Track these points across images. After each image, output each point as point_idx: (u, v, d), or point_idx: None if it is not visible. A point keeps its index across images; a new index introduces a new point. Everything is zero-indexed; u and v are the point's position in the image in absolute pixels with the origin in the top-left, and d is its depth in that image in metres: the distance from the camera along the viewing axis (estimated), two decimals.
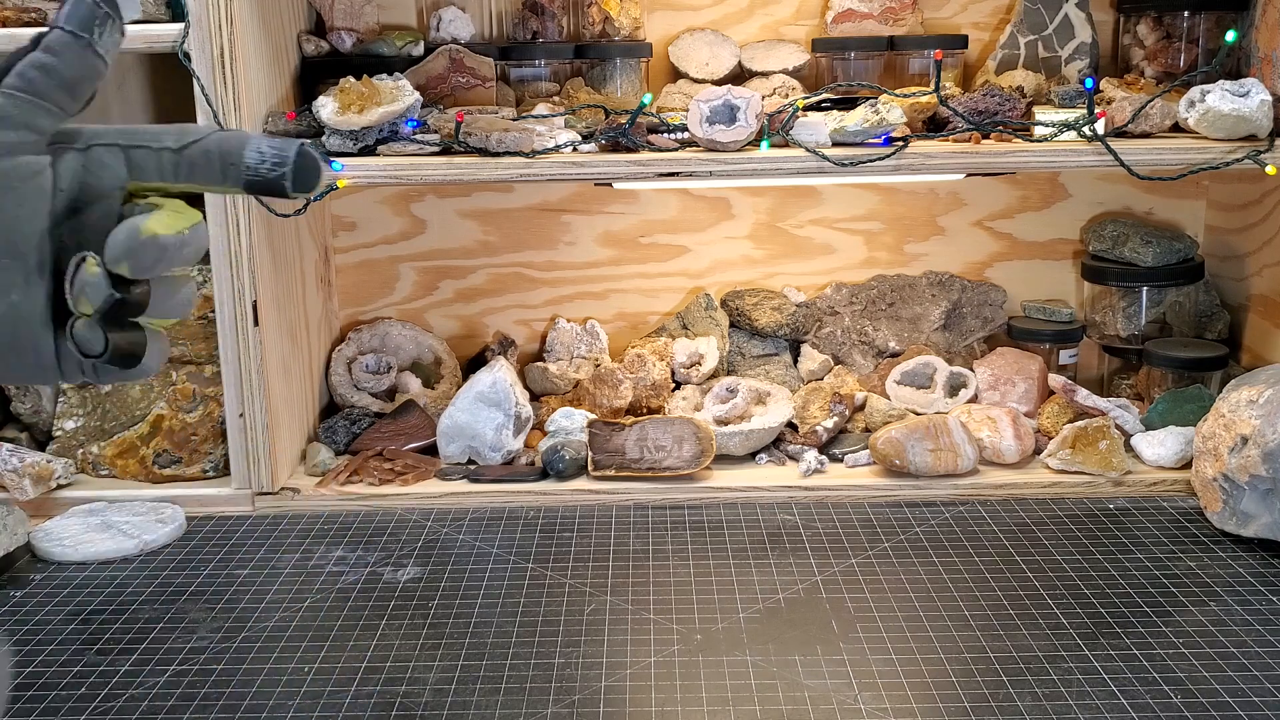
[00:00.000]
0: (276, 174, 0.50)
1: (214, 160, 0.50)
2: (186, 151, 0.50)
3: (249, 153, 0.50)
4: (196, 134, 0.50)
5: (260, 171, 0.50)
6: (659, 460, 1.27)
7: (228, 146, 0.50)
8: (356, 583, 1.08)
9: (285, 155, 0.50)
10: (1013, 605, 1.01)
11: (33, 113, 0.49)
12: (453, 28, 1.40)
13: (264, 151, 0.50)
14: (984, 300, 1.51)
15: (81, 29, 0.49)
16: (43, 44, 0.49)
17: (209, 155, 0.50)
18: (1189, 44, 1.36)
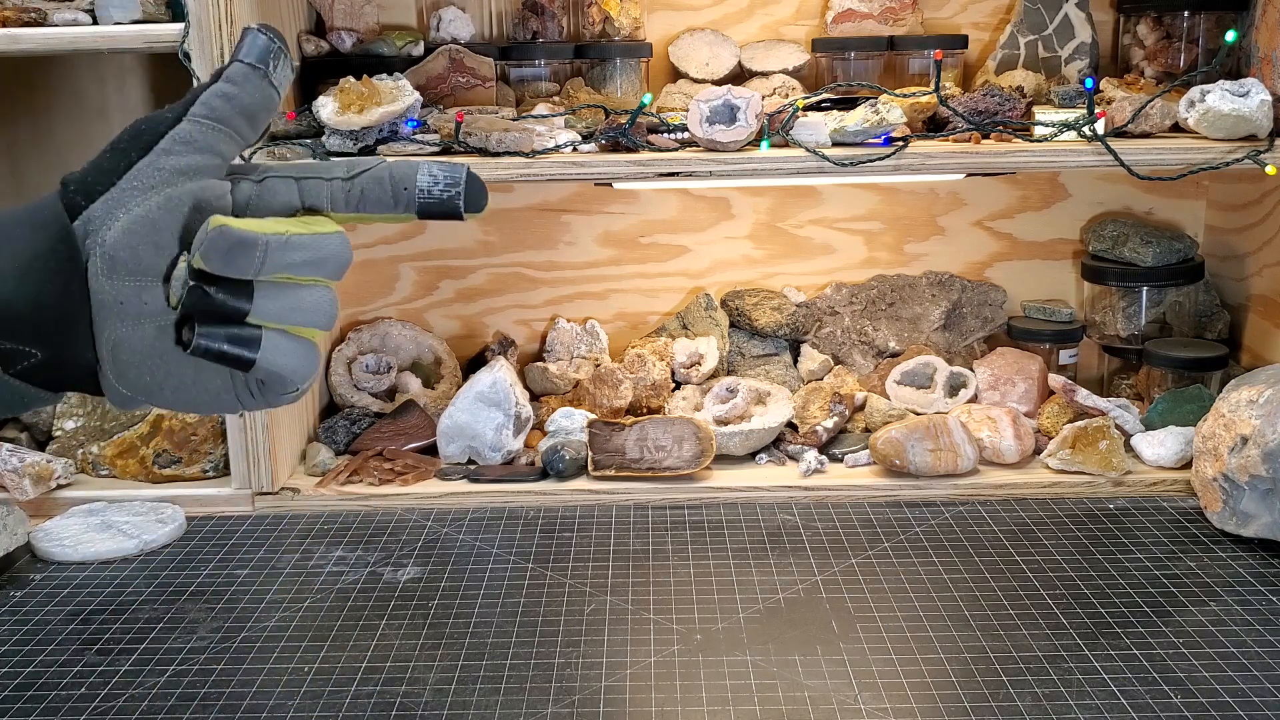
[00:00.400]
0: (450, 194, 0.52)
1: (386, 186, 0.52)
2: (358, 179, 0.52)
3: (422, 177, 0.52)
4: (367, 164, 0.52)
5: (434, 194, 0.51)
6: (659, 460, 1.27)
7: (399, 173, 0.52)
8: (356, 583, 1.08)
9: (457, 177, 0.52)
10: (1013, 605, 1.01)
11: (216, 138, 0.51)
12: (453, 28, 1.40)
13: (436, 175, 0.52)
14: (984, 300, 1.51)
15: (259, 61, 0.52)
16: (224, 75, 0.51)
17: (381, 182, 0.52)
18: (1189, 44, 1.36)
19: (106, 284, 0.49)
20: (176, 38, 1.16)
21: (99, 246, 0.49)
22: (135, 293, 0.49)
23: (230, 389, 0.52)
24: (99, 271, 0.49)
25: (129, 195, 0.50)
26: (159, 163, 0.50)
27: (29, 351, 0.49)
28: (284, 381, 0.51)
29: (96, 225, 0.49)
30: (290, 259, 0.49)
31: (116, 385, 0.50)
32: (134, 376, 0.50)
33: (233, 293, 0.49)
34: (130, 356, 0.50)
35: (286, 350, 0.50)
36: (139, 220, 0.49)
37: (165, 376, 0.50)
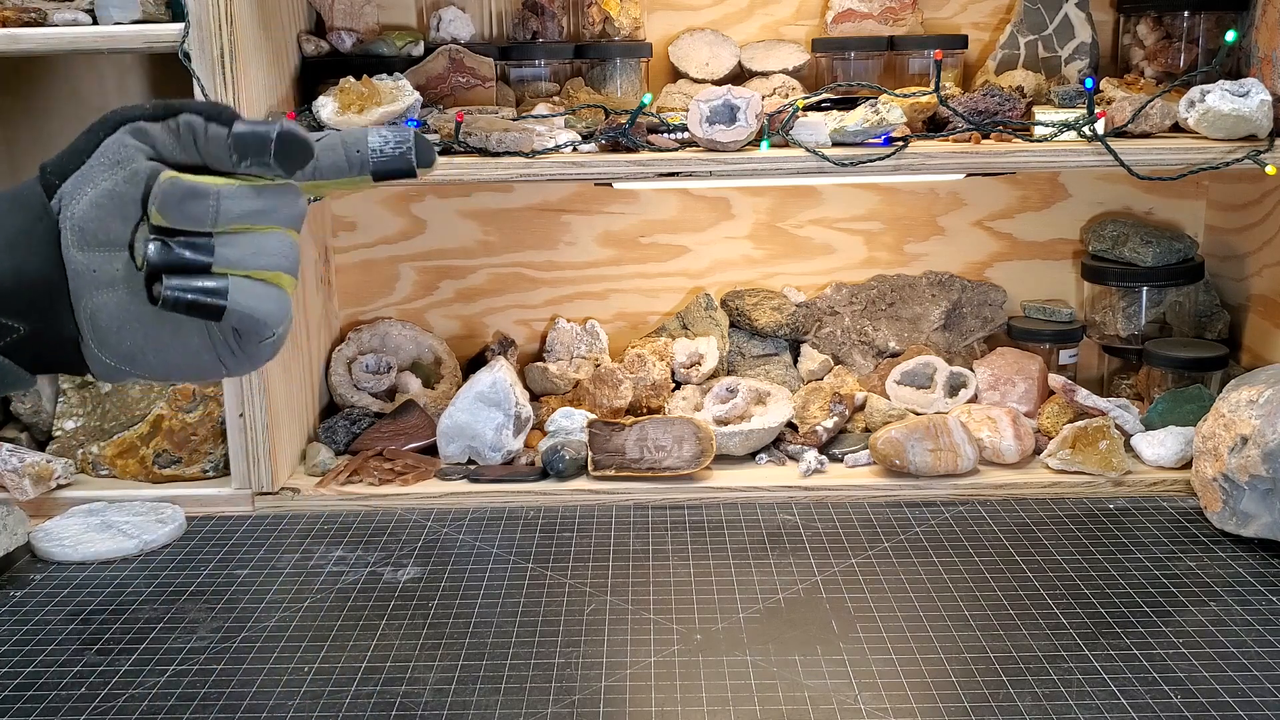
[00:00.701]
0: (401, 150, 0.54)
1: (340, 151, 0.54)
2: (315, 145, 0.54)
3: (373, 139, 0.54)
4: (319, 135, 0.54)
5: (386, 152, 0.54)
6: (659, 460, 1.27)
7: (351, 138, 0.54)
8: (356, 583, 1.08)
9: (406, 136, 0.54)
10: (1013, 605, 1.01)
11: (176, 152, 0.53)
12: (453, 28, 1.40)
13: (386, 135, 0.54)
14: (984, 300, 1.51)
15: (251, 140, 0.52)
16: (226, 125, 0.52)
17: (334, 149, 0.54)
18: (1189, 44, 1.36)
19: (78, 254, 0.51)
20: (176, 38, 1.16)
21: (69, 220, 0.51)
22: (106, 260, 0.51)
23: (210, 347, 0.53)
24: (70, 243, 0.51)
25: (96, 171, 0.52)
26: (124, 140, 0.52)
27: (13, 326, 0.51)
28: (258, 325, 0.52)
29: (67, 200, 0.52)
30: (245, 207, 0.51)
31: (99, 354, 0.52)
32: (114, 343, 0.52)
33: (193, 244, 0.51)
34: (109, 322, 0.51)
35: (255, 294, 0.52)
36: (105, 193, 0.51)
37: (145, 339, 0.52)
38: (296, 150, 0.52)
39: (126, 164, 0.52)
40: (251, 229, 0.52)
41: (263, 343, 0.54)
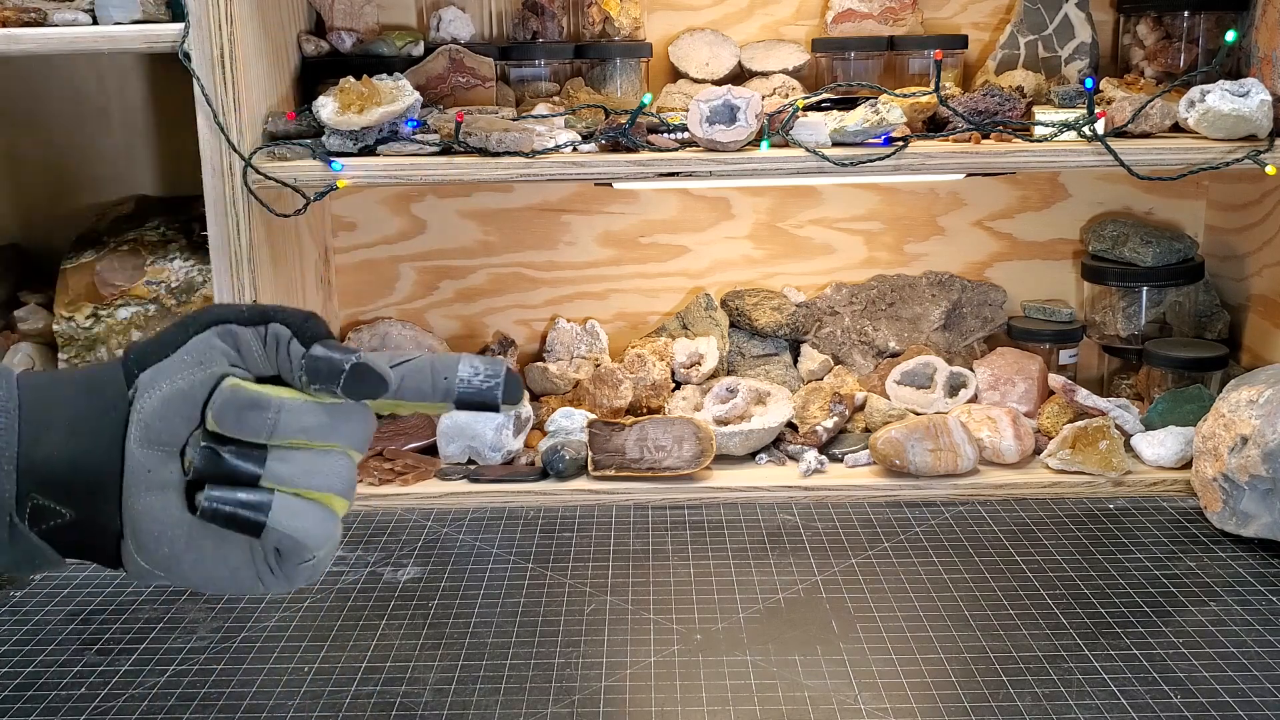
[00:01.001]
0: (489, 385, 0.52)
1: (425, 375, 0.52)
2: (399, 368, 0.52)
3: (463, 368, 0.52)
4: (409, 354, 0.53)
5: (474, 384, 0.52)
6: (659, 460, 1.27)
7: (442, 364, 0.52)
8: (356, 583, 1.08)
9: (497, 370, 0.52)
10: (1013, 605, 1.01)
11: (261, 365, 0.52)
12: (453, 28, 1.40)
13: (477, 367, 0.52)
14: (984, 300, 1.51)
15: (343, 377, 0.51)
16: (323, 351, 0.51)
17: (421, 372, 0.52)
18: (1189, 44, 1.36)
19: (138, 450, 0.50)
20: (176, 38, 1.16)
21: (137, 413, 0.50)
22: (162, 461, 0.50)
23: (249, 563, 0.51)
24: (133, 438, 0.50)
25: (177, 367, 0.50)
26: (212, 340, 0.51)
27: (60, 511, 0.49)
28: (299, 546, 0.51)
29: (140, 392, 0.50)
30: (305, 422, 0.50)
31: (135, 555, 0.50)
32: (153, 548, 0.50)
33: (244, 455, 0.49)
34: (151, 525, 0.50)
35: (300, 513, 0.50)
36: (178, 393, 0.50)
37: (185, 549, 0.50)
38: (368, 386, 0.50)
39: (208, 366, 0.50)
40: (309, 445, 0.50)
41: (302, 564, 0.52)
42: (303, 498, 0.50)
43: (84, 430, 0.50)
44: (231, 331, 0.51)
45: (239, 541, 0.51)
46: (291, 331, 0.51)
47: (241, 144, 1.18)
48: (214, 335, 0.51)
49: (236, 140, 1.17)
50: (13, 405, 0.49)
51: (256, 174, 1.18)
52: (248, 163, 1.18)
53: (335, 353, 0.50)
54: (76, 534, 0.50)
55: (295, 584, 0.52)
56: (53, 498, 0.49)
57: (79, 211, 1.48)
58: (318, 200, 1.21)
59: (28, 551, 0.50)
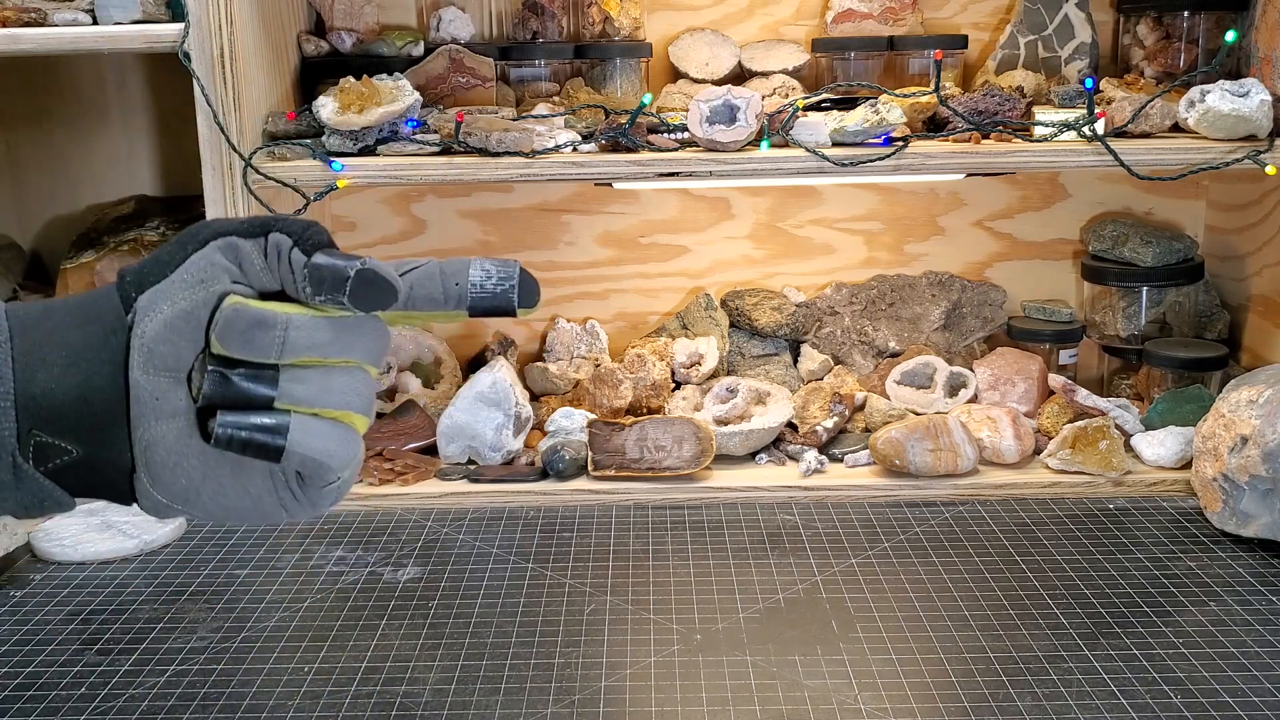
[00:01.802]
0: (503, 288, 0.49)
1: (437, 282, 0.49)
2: (407, 275, 0.49)
3: (474, 272, 0.49)
4: (416, 262, 0.50)
5: (487, 288, 0.49)
6: (659, 460, 1.27)
7: (451, 268, 0.49)
8: (356, 583, 1.08)
9: (510, 272, 0.49)
10: (1013, 605, 1.01)
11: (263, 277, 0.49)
12: (453, 28, 1.40)
13: (489, 269, 0.49)
14: (984, 300, 1.51)
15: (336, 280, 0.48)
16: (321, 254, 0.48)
17: (432, 278, 0.49)
18: (1189, 44, 1.36)
19: (143, 378, 0.47)
20: (176, 38, 1.16)
21: (138, 339, 0.47)
22: (170, 388, 0.47)
23: (271, 490, 0.49)
24: (136, 365, 0.47)
25: (177, 288, 0.47)
26: (213, 257, 0.48)
27: (65, 447, 0.47)
28: (322, 468, 0.48)
29: (141, 317, 0.47)
30: (315, 339, 0.47)
31: (151, 490, 0.48)
32: (169, 480, 0.47)
33: (255, 377, 0.46)
34: (164, 457, 0.47)
35: (320, 433, 0.47)
36: (181, 314, 0.47)
37: (202, 479, 0.48)
38: (375, 293, 0.47)
39: (210, 284, 0.47)
40: (323, 362, 0.47)
41: (326, 487, 0.49)
42: (321, 417, 0.47)
43: (82, 360, 0.47)
44: (233, 244, 0.48)
45: (258, 468, 0.48)
46: (293, 240, 0.48)
47: (241, 144, 1.18)
48: (215, 250, 0.48)
49: (236, 140, 1.17)
50: (3, 339, 0.47)
51: (256, 174, 1.18)
52: (248, 163, 1.18)
53: (339, 259, 0.47)
54: (85, 471, 0.47)
55: (320, 507, 0.50)
56: (56, 434, 0.46)
57: (79, 211, 1.48)
58: (318, 200, 1.21)
59: (35, 493, 0.47)
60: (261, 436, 0.46)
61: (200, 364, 0.47)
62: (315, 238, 0.48)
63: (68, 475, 0.47)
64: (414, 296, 0.49)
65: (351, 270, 0.46)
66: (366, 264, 0.47)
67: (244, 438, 0.46)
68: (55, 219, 1.50)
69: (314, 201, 1.21)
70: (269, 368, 0.47)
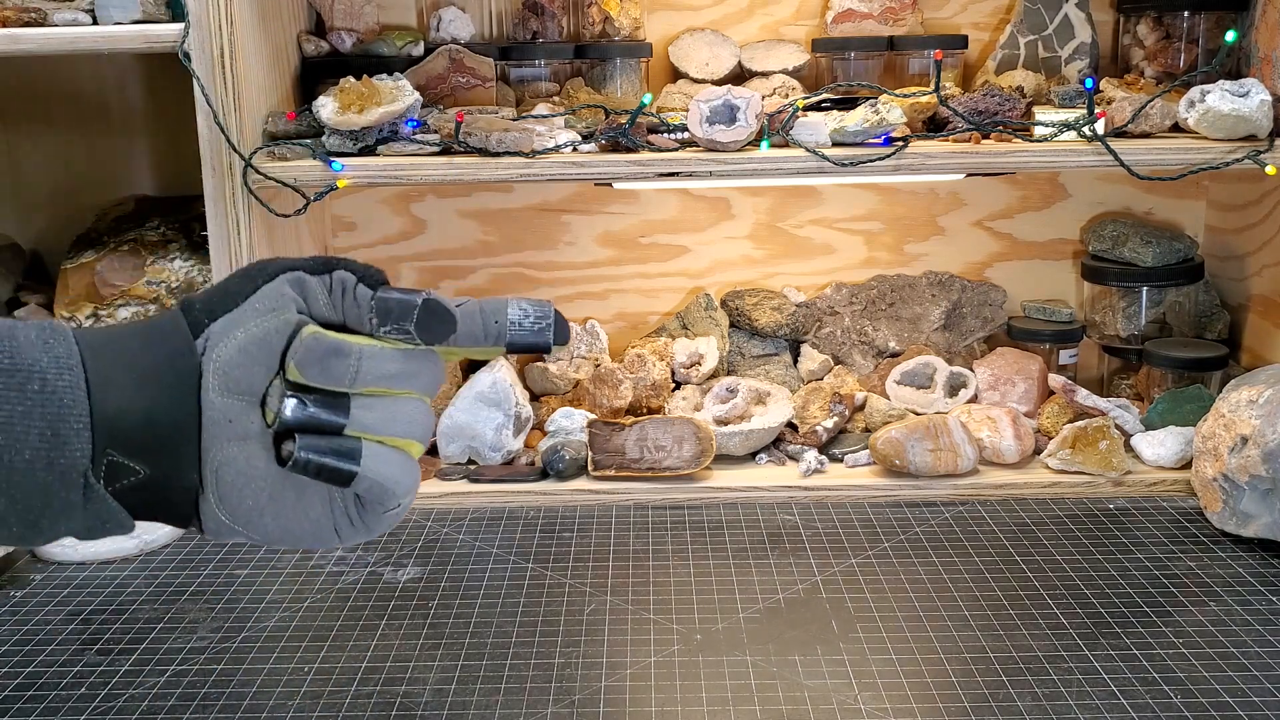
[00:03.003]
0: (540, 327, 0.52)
1: (477, 320, 0.52)
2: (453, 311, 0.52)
3: (512, 310, 0.52)
4: (457, 300, 0.52)
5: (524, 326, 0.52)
6: (659, 460, 1.27)
7: (490, 306, 0.52)
8: (356, 583, 1.08)
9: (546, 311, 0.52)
10: (1013, 605, 1.01)
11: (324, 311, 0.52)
12: (453, 28, 1.40)
13: (526, 309, 0.52)
14: (984, 300, 1.51)
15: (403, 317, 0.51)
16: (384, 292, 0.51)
17: (472, 316, 0.52)
18: (1189, 44, 1.36)
19: (218, 400, 0.48)
20: (176, 38, 1.16)
21: (213, 362, 0.48)
22: (244, 411, 0.49)
23: (329, 515, 0.51)
24: (210, 387, 0.48)
25: (249, 316, 0.49)
26: (282, 288, 0.50)
27: (134, 468, 0.48)
28: (385, 494, 0.50)
29: (214, 342, 0.49)
30: (385, 369, 0.50)
31: (217, 511, 0.49)
32: (236, 501, 0.49)
33: (330, 405, 0.49)
34: (235, 479, 0.49)
35: (387, 460, 0.50)
36: (255, 339, 0.49)
37: (268, 501, 0.49)
38: (439, 323, 0.50)
39: (281, 312, 0.50)
40: (388, 393, 0.50)
41: (386, 513, 0.52)
42: (386, 445, 0.50)
43: (153, 381, 0.48)
44: (300, 279, 0.51)
45: (319, 492, 0.50)
46: (356, 277, 0.51)
47: (241, 144, 1.18)
48: (283, 283, 0.50)
49: (236, 140, 1.17)
50: (75, 362, 0.47)
51: (256, 174, 1.18)
52: (248, 163, 1.18)
53: (405, 294, 0.50)
54: (150, 492, 0.48)
55: (374, 533, 0.52)
56: (127, 454, 0.47)
57: (79, 211, 1.48)
58: (318, 200, 1.21)
59: (101, 514, 0.48)
60: (336, 462, 0.49)
61: (277, 390, 0.49)
62: (377, 275, 0.51)
63: (132, 496, 0.48)
64: (458, 334, 0.51)
65: (419, 300, 0.50)
66: (431, 296, 0.50)
67: (319, 462, 0.49)
68: (55, 219, 1.50)
69: (314, 201, 1.21)
70: (341, 396, 0.49)
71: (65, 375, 0.47)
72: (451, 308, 0.51)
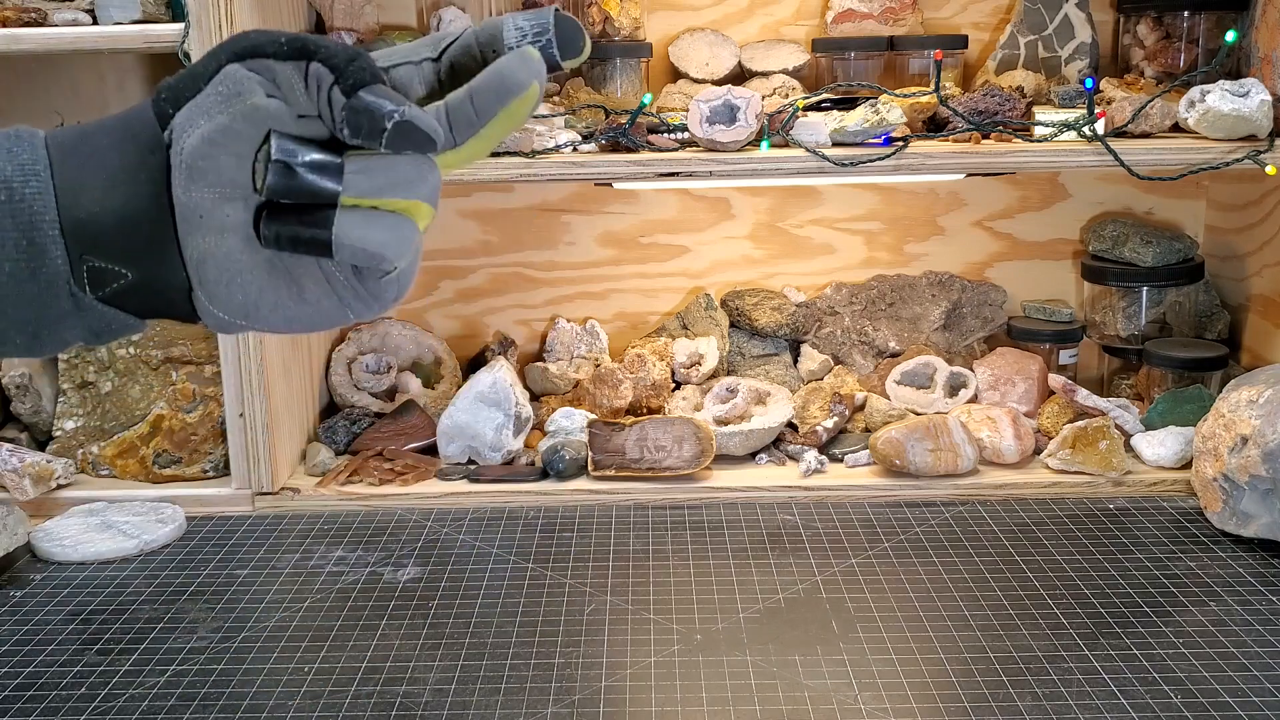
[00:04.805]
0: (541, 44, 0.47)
1: (474, 52, 0.48)
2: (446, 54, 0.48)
3: (507, 34, 0.48)
4: (451, 35, 0.49)
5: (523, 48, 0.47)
6: (659, 460, 1.27)
7: (485, 36, 0.48)
8: (356, 583, 1.08)
9: (544, 22, 0.47)
10: (1013, 605, 1.01)
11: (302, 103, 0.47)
12: (453, 28, 1.40)
13: (522, 26, 0.48)
14: (984, 300, 1.51)
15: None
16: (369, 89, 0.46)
17: (469, 49, 0.48)
18: (1189, 44, 1.36)
19: (184, 196, 0.46)
20: (176, 38, 1.16)
21: (178, 156, 0.46)
22: (216, 204, 0.46)
23: (329, 292, 0.48)
24: (178, 183, 0.46)
25: (211, 101, 0.46)
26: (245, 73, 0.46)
27: (119, 271, 0.46)
28: (374, 258, 0.46)
29: (178, 134, 0.46)
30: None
31: (210, 307, 0.47)
32: (225, 296, 0.47)
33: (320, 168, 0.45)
34: (217, 274, 0.46)
35: (370, 222, 0.46)
36: (219, 128, 0.46)
37: (259, 292, 0.47)
38: (413, 145, 0.46)
39: (245, 97, 0.46)
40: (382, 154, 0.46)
41: (384, 279, 0.48)
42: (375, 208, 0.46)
43: (122, 181, 0.46)
44: (268, 66, 0.46)
45: (313, 272, 0.47)
46: (334, 76, 0.46)
47: None
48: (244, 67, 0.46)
49: None
50: (42, 167, 0.46)
51: None
52: None
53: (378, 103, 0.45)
54: (145, 294, 0.47)
55: (384, 302, 0.49)
56: (107, 258, 0.46)
57: None
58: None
59: (99, 319, 0.47)
60: (307, 230, 0.45)
61: (264, 155, 0.46)
62: (357, 74, 0.46)
63: (128, 299, 0.47)
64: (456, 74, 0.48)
65: (389, 122, 0.45)
66: (405, 115, 0.45)
67: (290, 232, 0.45)
68: None
69: None
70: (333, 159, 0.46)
71: (32, 182, 0.45)
72: (429, 126, 0.45)
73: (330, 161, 0.46)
